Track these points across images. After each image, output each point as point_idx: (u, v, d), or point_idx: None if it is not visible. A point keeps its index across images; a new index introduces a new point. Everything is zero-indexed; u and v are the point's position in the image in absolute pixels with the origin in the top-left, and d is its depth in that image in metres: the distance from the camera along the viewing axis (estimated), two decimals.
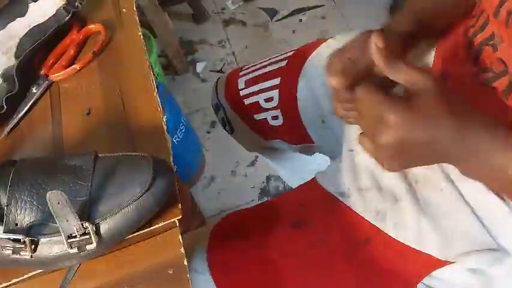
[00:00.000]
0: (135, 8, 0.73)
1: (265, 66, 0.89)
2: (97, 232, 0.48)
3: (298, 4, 1.99)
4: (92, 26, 0.72)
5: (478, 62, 0.57)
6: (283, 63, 0.86)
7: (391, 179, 0.63)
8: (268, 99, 0.86)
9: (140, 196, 0.48)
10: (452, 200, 0.59)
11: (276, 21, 1.96)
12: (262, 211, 0.74)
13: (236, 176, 1.56)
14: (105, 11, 0.75)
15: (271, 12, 1.99)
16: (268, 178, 1.53)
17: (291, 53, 0.88)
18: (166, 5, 1.78)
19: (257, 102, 0.88)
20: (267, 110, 0.87)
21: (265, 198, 1.50)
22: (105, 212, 0.48)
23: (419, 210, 0.60)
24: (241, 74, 0.92)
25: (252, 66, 0.92)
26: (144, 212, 0.49)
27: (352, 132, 0.70)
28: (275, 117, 0.87)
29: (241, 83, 0.90)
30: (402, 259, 0.61)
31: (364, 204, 0.64)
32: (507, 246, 0.57)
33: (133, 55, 0.68)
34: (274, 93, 0.85)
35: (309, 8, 1.98)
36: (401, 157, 0.49)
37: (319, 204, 0.69)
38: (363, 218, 0.63)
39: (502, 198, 0.56)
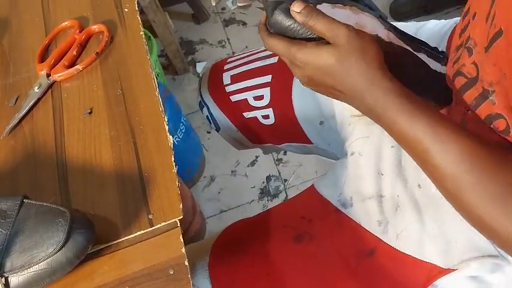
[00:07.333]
0: (136, 8, 0.73)
1: (252, 61, 0.85)
2: (6, 285, 0.48)
3: None
4: (94, 27, 0.72)
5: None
6: (274, 60, 0.82)
7: (393, 186, 0.63)
8: (258, 98, 0.83)
9: (52, 255, 0.48)
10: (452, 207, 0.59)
11: None
12: (263, 223, 0.72)
13: (236, 176, 1.56)
14: (107, 11, 0.75)
15: None
16: (268, 178, 1.53)
17: None
18: (166, 5, 1.78)
19: (245, 100, 0.84)
20: (256, 108, 0.83)
21: (265, 198, 1.50)
22: (17, 266, 0.48)
23: (420, 218, 0.60)
24: (226, 68, 0.87)
25: (238, 59, 0.87)
26: (56, 271, 0.49)
27: (354, 134, 0.69)
28: (266, 117, 0.84)
29: (226, 78, 0.86)
30: (405, 270, 0.60)
31: (366, 215, 0.63)
32: (506, 253, 0.57)
33: (135, 55, 0.68)
34: (265, 91, 0.82)
35: None
36: (312, 86, 0.56)
37: (320, 217, 0.67)
38: (365, 229, 0.62)
39: None
